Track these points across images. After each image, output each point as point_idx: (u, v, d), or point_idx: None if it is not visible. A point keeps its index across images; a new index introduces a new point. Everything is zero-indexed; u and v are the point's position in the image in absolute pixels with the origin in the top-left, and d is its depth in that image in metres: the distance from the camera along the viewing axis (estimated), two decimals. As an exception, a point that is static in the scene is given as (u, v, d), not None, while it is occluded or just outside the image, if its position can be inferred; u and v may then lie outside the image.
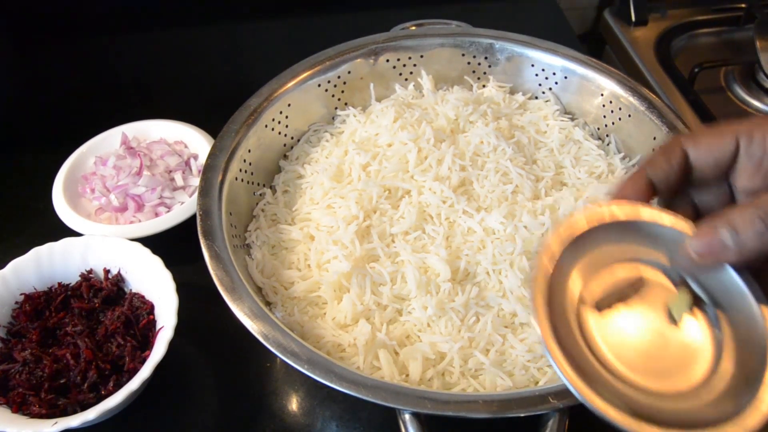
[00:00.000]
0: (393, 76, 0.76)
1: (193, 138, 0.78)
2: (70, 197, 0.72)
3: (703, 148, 0.33)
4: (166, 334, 0.54)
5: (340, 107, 0.75)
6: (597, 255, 0.37)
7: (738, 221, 0.30)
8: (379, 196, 0.62)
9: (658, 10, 1.09)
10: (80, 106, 0.94)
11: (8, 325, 0.60)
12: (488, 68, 0.76)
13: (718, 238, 0.31)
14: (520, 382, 0.52)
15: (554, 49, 0.73)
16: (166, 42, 1.05)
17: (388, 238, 0.60)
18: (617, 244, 0.37)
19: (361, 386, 0.45)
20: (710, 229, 0.31)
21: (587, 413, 0.32)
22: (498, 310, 0.55)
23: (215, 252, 0.54)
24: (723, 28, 1.09)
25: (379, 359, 0.53)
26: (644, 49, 1.03)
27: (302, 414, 0.59)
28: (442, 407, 0.44)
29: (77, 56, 1.03)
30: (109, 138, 0.78)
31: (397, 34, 0.76)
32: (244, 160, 0.65)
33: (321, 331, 0.55)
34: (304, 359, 0.47)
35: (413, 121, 0.68)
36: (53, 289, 0.62)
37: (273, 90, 0.68)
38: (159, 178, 0.72)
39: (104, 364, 0.55)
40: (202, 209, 0.57)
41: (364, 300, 0.56)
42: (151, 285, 0.60)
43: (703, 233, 0.32)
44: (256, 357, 0.62)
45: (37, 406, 0.52)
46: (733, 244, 0.30)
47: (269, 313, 0.50)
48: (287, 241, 0.62)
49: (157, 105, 0.94)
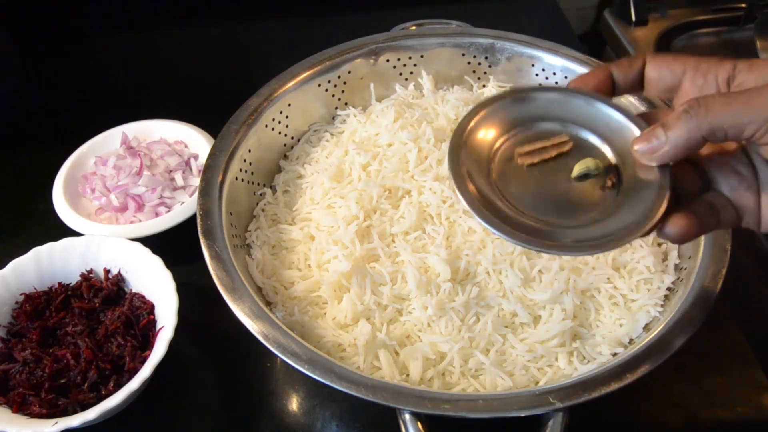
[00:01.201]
0: (393, 76, 0.76)
1: (193, 138, 0.78)
2: (70, 197, 0.72)
3: (658, 64, 0.40)
4: (167, 334, 0.54)
5: (340, 107, 0.75)
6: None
7: (668, 119, 0.36)
8: (380, 196, 0.62)
9: (658, 10, 1.09)
10: (80, 105, 0.94)
11: (8, 325, 0.60)
12: (488, 68, 0.76)
13: (655, 137, 0.37)
14: (520, 382, 0.52)
15: (554, 49, 0.73)
16: (167, 42, 1.05)
17: (388, 238, 0.60)
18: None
19: (361, 386, 0.45)
20: (650, 129, 0.37)
21: (587, 413, 0.33)
22: (498, 310, 0.55)
23: (215, 252, 0.54)
24: (723, 28, 1.09)
25: (379, 359, 0.53)
26: (644, 49, 1.04)
27: (302, 414, 0.59)
28: (442, 407, 0.45)
29: (78, 56, 1.03)
30: (110, 138, 0.78)
31: (397, 34, 0.76)
32: (245, 160, 0.65)
33: (321, 331, 0.55)
34: (304, 359, 0.47)
35: (413, 121, 0.68)
36: (53, 289, 0.62)
37: (273, 90, 0.68)
38: (159, 178, 0.72)
39: (104, 364, 0.55)
40: (203, 209, 0.57)
41: (365, 300, 0.56)
42: (151, 285, 0.60)
43: (644, 134, 0.38)
44: (256, 357, 0.62)
45: (37, 406, 0.52)
46: (665, 138, 0.36)
47: (269, 313, 0.50)
48: (287, 241, 0.62)
49: (157, 105, 0.94)
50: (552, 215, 0.39)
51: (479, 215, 0.38)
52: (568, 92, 0.42)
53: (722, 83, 0.38)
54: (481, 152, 0.41)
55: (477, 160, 0.41)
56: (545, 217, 0.39)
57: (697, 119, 0.35)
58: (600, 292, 0.57)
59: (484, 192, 0.39)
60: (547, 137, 0.42)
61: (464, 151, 0.41)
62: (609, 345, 0.54)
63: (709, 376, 0.60)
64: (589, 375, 0.46)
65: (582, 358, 0.54)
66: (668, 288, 0.57)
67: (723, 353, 0.62)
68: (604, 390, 0.45)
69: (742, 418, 0.58)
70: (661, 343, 0.47)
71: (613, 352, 0.53)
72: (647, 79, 0.41)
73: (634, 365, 0.46)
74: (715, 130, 0.34)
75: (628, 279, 0.58)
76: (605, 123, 0.41)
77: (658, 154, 0.37)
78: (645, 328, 0.55)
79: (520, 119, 0.42)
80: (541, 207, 0.39)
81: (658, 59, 0.40)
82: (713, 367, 0.61)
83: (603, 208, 0.39)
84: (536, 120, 0.42)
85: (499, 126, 0.42)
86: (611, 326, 0.55)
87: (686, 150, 0.36)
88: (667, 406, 0.59)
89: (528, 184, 0.40)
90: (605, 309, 0.56)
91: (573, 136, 0.42)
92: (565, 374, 0.52)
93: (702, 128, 0.35)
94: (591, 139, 0.42)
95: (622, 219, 0.38)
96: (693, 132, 0.35)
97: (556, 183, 0.40)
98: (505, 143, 0.42)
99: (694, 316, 0.49)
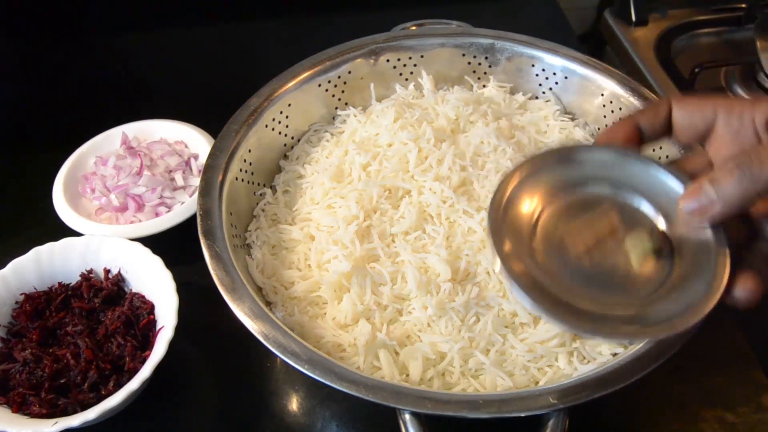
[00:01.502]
0: (393, 76, 0.76)
1: (193, 138, 0.78)
2: (70, 197, 0.72)
3: (687, 109, 0.37)
4: (167, 334, 0.54)
5: (340, 107, 0.75)
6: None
7: (718, 174, 0.33)
8: (380, 196, 0.62)
9: (658, 10, 1.09)
10: (80, 105, 0.94)
11: (8, 324, 0.60)
12: (488, 68, 0.76)
13: (704, 194, 0.33)
14: (521, 382, 0.52)
15: (555, 49, 0.73)
16: (167, 42, 1.05)
17: (388, 238, 0.60)
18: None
19: (361, 386, 0.45)
20: (696, 186, 0.34)
21: (587, 413, 0.33)
22: (498, 310, 0.55)
23: (215, 252, 0.54)
24: (723, 28, 1.09)
25: (379, 359, 0.53)
26: (644, 50, 1.03)
27: (302, 414, 0.59)
28: (442, 407, 0.45)
29: (78, 56, 1.03)
30: (110, 138, 0.78)
31: (397, 34, 0.76)
32: (245, 160, 0.65)
33: (321, 331, 0.55)
34: (304, 359, 0.47)
35: (413, 121, 0.68)
36: (53, 289, 0.62)
37: (273, 90, 0.68)
38: (159, 178, 0.72)
39: (104, 364, 0.55)
40: (203, 209, 0.57)
41: (365, 300, 0.56)
42: (151, 285, 0.60)
43: (690, 192, 0.35)
44: (256, 357, 0.62)
45: (37, 406, 0.52)
46: (716, 196, 0.33)
47: (269, 313, 0.50)
48: (287, 241, 0.62)
49: (157, 105, 0.94)
50: (605, 293, 0.36)
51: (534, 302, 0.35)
52: (602, 150, 0.39)
53: (761, 126, 0.35)
54: (522, 226, 0.38)
55: (517, 234, 0.38)
56: (596, 295, 0.36)
57: (751, 174, 0.32)
58: (600, 292, 0.57)
59: (531, 272, 0.36)
60: (591, 206, 0.38)
61: (504, 226, 0.38)
62: (609, 345, 0.54)
63: (709, 376, 0.60)
64: (589, 375, 0.46)
65: (582, 359, 0.54)
66: (668, 288, 0.57)
67: (723, 353, 0.62)
68: (604, 390, 0.45)
69: (742, 418, 0.58)
70: (661, 344, 0.47)
71: (613, 352, 0.53)
72: (676, 125, 0.38)
73: (634, 365, 0.46)
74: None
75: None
76: (643, 180, 0.38)
77: (709, 214, 0.34)
78: (645, 328, 0.55)
79: (561, 183, 0.39)
80: (594, 285, 0.36)
81: (685, 103, 0.37)
82: (713, 367, 0.61)
83: (659, 280, 0.36)
84: (577, 184, 0.39)
85: (540, 193, 0.39)
86: (611, 326, 0.55)
87: (740, 209, 0.33)
88: (667, 406, 0.59)
89: (577, 263, 0.37)
90: (605, 309, 0.56)
91: (615, 199, 0.39)
92: (565, 374, 0.52)
93: (757, 186, 0.32)
94: (634, 202, 0.39)
95: (687, 291, 0.34)
96: (748, 189, 0.32)
97: (607, 256, 0.37)
98: (545, 212, 0.39)
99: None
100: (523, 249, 0.37)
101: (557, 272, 0.36)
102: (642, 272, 0.36)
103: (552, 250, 0.37)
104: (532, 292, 0.35)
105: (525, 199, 0.39)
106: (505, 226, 0.38)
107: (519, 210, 0.38)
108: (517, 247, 0.37)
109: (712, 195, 0.33)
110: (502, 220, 0.38)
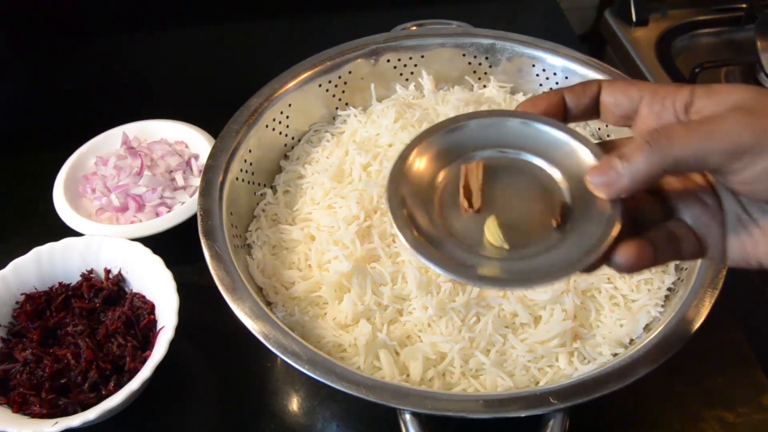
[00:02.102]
0: (394, 76, 0.76)
1: (193, 138, 0.78)
2: (70, 197, 0.72)
3: (614, 91, 0.37)
4: (167, 334, 0.54)
5: (340, 107, 0.75)
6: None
7: (627, 150, 0.33)
8: (380, 196, 0.62)
9: (658, 11, 1.09)
10: (81, 106, 0.94)
11: (9, 325, 0.60)
12: (489, 68, 0.76)
13: (612, 169, 0.34)
14: (521, 382, 0.52)
15: (555, 49, 0.73)
16: (167, 42, 1.05)
17: (388, 238, 0.60)
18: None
19: (361, 386, 0.45)
20: (605, 160, 0.34)
21: (587, 413, 0.33)
22: (498, 310, 0.55)
23: (216, 252, 0.54)
24: (724, 28, 1.09)
25: (379, 359, 0.53)
26: (645, 50, 1.03)
27: (303, 414, 0.59)
28: (442, 407, 0.45)
29: (78, 56, 1.03)
30: (110, 138, 0.78)
31: (397, 34, 0.76)
32: (245, 160, 0.65)
33: (321, 331, 0.55)
34: (304, 359, 0.47)
35: (414, 122, 0.68)
36: (54, 289, 0.62)
37: (273, 90, 0.68)
38: (160, 178, 0.72)
39: (105, 364, 0.55)
40: (203, 209, 0.57)
41: (365, 300, 0.56)
42: (151, 285, 0.60)
43: (599, 166, 0.35)
44: (256, 357, 0.62)
45: (37, 406, 0.53)
46: (624, 171, 0.33)
47: (270, 313, 0.50)
48: (288, 241, 0.62)
49: (157, 105, 0.93)
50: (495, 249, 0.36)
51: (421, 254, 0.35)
52: (505, 115, 0.40)
53: (680, 110, 0.35)
54: (422, 188, 0.38)
55: (418, 195, 0.38)
56: (484, 251, 0.36)
57: (659, 151, 0.32)
58: (600, 293, 0.57)
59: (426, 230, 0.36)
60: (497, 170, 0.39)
61: (405, 187, 0.38)
62: (609, 345, 0.54)
63: (709, 376, 0.60)
64: (590, 375, 0.46)
65: (582, 359, 0.54)
66: (669, 288, 0.57)
67: (723, 353, 0.62)
68: (604, 390, 0.45)
69: (742, 418, 0.58)
70: (661, 344, 0.47)
71: (614, 352, 0.54)
72: (603, 105, 0.38)
73: (635, 365, 0.46)
74: (678, 162, 0.32)
75: (629, 279, 0.58)
76: (555, 147, 0.39)
77: (614, 189, 0.34)
78: (645, 328, 0.55)
79: (459, 149, 0.40)
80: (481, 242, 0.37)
81: (613, 85, 0.38)
82: (713, 367, 0.61)
83: (549, 239, 0.36)
84: (475, 149, 0.40)
85: (439, 159, 0.39)
86: (612, 326, 0.55)
87: (646, 184, 0.33)
88: (667, 406, 0.59)
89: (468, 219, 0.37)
90: (606, 309, 0.56)
91: (524, 162, 0.39)
92: (566, 374, 0.52)
93: (665, 161, 0.32)
94: (537, 162, 0.39)
95: (568, 251, 0.35)
96: (654, 165, 0.32)
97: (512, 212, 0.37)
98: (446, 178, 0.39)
99: (694, 317, 0.49)
100: (425, 216, 0.37)
101: (457, 232, 0.37)
102: (534, 228, 0.37)
103: (452, 212, 0.38)
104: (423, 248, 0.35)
105: (422, 164, 0.39)
106: (405, 188, 0.38)
107: (418, 172, 0.39)
108: (417, 214, 0.37)
109: (620, 169, 0.33)
110: (398, 190, 0.38)
